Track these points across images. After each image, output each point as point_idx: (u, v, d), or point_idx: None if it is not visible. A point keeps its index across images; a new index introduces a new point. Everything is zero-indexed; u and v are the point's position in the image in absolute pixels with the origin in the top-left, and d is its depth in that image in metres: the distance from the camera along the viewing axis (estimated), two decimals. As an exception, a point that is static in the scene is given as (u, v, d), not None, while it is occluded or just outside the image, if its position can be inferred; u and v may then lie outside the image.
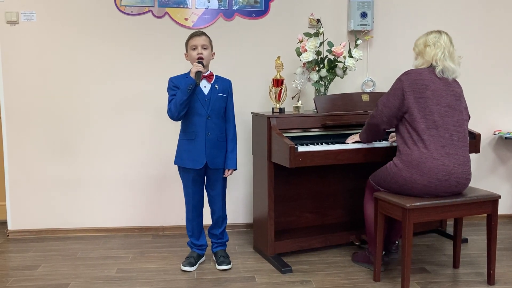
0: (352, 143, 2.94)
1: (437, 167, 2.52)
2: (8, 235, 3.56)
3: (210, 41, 2.90)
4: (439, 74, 2.61)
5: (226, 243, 3.10)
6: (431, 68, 2.64)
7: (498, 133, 3.80)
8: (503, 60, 3.82)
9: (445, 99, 2.59)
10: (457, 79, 2.68)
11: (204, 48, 2.85)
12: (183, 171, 2.94)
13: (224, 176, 2.97)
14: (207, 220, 3.07)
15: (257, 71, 3.59)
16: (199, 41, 2.84)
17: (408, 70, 2.67)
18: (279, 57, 3.17)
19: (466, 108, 2.71)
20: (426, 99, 2.57)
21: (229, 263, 2.96)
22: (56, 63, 3.46)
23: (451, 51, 2.65)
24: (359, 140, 2.93)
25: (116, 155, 3.56)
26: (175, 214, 3.63)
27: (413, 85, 2.59)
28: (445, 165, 2.52)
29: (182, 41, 2.94)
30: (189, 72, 2.80)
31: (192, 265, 2.94)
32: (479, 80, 3.80)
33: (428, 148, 2.53)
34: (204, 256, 3.08)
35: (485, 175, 3.89)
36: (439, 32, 2.69)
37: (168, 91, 2.87)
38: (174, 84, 2.84)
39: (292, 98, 3.38)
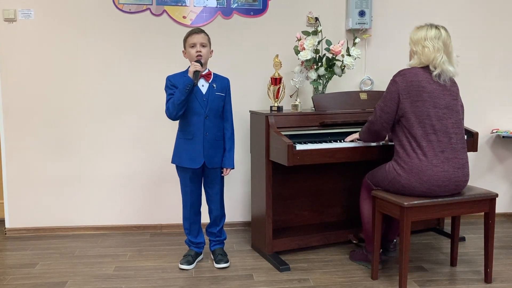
0: (350, 141, 2.93)
1: (436, 174, 2.49)
2: (6, 233, 3.56)
3: (209, 39, 2.87)
4: (435, 78, 2.53)
5: (224, 241, 3.10)
6: (428, 69, 2.56)
7: (496, 132, 3.81)
8: (501, 59, 3.82)
9: (442, 100, 2.53)
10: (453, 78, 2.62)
11: (203, 46, 2.82)
12: (180, 170, 2.93)
13: (222, 175, 2.97)
14: (205, 218, 3.07)
15: (255, 69, 3.58)
16: (198, 39, 2.81)
17: (403, 70, 2.59)
18: (277, 56, 3.16)
19: (462, 106, 2.68)
20: (423, 102, 2.50)
21: (227, 261, 2.96)
22: (54, 61, 3.45)
23: (450, 52, 2.56)
24: (358, 138, 2.89)
25: (114, 153, 3.56)
26: (173, 212, 3.62)
27: (409, 88, 2.52)
28: (444, 170, 2.50)
29: (180, 39, 2.93)
30: (187, 70, 2.77)
31: (190, 263, 2.94)
32: (477, 79, 3.80)
33: (427, 155, 2.49)
34: (202, 255, 3.08)
35: (482, 174, 3.90)
36: (437, 28, 2.57)
37: (165, 90, 2.84)
38: (172, 83, 2.81)
39: (290, 96, 3.38)
